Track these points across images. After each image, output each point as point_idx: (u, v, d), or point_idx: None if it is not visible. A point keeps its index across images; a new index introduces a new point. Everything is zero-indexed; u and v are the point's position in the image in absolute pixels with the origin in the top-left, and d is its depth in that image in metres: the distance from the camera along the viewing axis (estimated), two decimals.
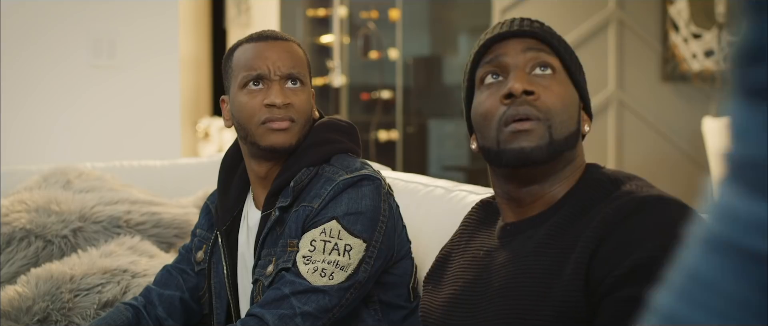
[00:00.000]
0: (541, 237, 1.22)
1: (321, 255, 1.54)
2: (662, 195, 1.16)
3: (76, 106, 3.40)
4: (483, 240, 1.37)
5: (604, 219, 1.15)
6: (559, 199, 1.25)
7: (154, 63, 3.54)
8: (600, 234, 1.13)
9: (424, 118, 7.65)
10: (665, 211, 1.13)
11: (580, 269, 1.13)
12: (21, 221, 2.16)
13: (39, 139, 3.34)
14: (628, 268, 1.09)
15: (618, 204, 1.16)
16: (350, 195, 1.58)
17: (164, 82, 3.58)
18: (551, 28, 1.32)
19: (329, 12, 6.82)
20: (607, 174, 1.25)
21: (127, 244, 2.12)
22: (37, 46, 3.32)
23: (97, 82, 3.42)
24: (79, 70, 3.40)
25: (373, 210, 1.58)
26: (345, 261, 1.54)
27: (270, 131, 1.59)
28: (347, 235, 1.55)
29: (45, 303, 1.86)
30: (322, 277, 1.52)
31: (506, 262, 1.26)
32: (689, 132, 6.89)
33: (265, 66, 1.60)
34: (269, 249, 1.62)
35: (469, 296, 1.31)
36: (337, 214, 1.56)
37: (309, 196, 1.59)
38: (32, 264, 2.09)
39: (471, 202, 1.80)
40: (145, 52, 3.52)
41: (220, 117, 7.36)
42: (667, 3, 6.87)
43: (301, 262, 1.54)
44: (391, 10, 6.79)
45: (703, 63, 6.99)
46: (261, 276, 1.61)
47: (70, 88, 3.38)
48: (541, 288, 1.17)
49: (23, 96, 3.30)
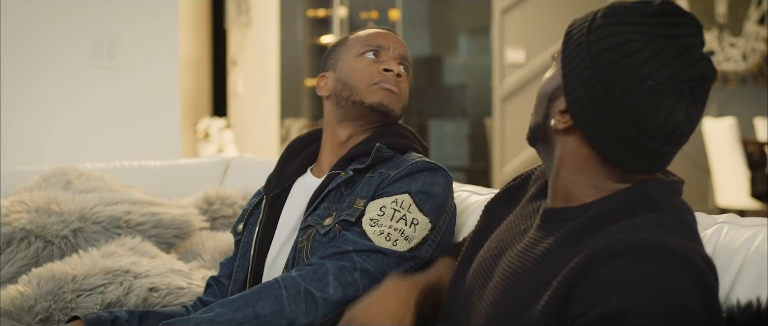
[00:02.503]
0: (553, 243, 1.19)
1: (388, 221, 1.60)
2: (664, 244, 1.07)
3: (76, 106, 3.39)
4: (535, 208, 1.33)
5: (592, 252, 1.10)
6: (588, 203, 1.20)
7: (154, 63, 3.53)
8: (584, 268, 1.09)
9: (424, 118, 7.65)
10: (655, 263, 1.05)
11: (556, 301, 1.10)
12: (21, 221, 2.15)
13: (39, 139, 3.33)
14: (598, 315, 1.04)
15: (612, 240, 1.10)
16: (426, 177, 1.65)
17: (164, 82, 3.58)
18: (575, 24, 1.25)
19: (329, 12, 6.81)
20: (646, 195, 1.17)
21: (128, 245, 2.12)
22: (37, 47, 3.32)
23: (98, 83, 3.42)
24: (79, 71, 3.40)
25: (443, 198, 1.66)
26: (410, 232, 1.60)
27: (380, 89, 1.71)
28: (417, 211, 1.61)
29: (47, 302, 1.86)
30: (386, 241, 1.58)
31: (520, 253, 1.24)
32: None
33: (386, 42, 1.76)
34: (331, 204, 1.68)
35: (489, 268, 1.30)
36: (411, 190, 1.63)
37: (387, 166, 1.67)
38: (32, 264, 2.09)
39: (473, 203, 1.80)
40: (146, 52, 3.52)
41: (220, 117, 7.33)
42: None
43: (367, 223, 1.60)
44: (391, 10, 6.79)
45: None
46: (316, 224, 1.66)
47: (70, 89, 3.38)
48: (529, 299, 1.16)
49: (23, 96, 3.30)
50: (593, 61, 1.15)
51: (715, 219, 1.39)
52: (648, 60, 1.12)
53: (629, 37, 1.14)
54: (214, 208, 2.49)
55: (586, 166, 1.20)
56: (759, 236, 1.29)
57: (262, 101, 6.81)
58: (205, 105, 7.34)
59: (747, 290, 1.22)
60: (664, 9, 1.15)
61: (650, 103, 1.13)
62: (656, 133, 1.14)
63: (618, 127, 1.15)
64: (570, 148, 1.21)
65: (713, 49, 6.97)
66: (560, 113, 1.20)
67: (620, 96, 1.13)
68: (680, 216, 1.16)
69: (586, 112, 1.17)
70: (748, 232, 1.31)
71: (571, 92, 1.18)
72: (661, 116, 1.13)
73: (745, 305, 1.13)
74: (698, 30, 1.16)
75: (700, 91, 1.15)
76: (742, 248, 1.29)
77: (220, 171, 2.81)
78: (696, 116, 1.16)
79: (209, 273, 2.10)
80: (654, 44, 1.13)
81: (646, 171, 1.20)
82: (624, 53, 1.13)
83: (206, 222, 2.42)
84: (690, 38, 1.14)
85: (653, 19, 1.14)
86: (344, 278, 1.54)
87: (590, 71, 1.16)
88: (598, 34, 1.16)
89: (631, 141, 1.15)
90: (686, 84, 1.13)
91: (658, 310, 1.02)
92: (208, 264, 2.21)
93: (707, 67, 1.14)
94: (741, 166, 5.75)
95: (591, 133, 1.17)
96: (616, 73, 1.13)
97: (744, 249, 1.28)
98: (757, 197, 5.66)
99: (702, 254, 1.11)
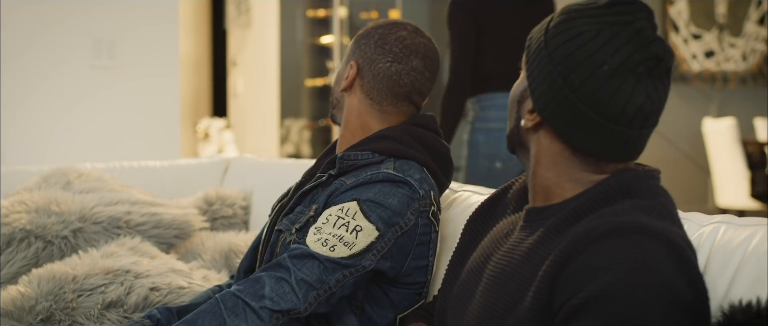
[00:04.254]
0: (537, 239, 1.21)
1: (330, 228, 1.55)
2: (644, 225, 1.10)
3: (76, 106, 3.40)
4: (517, 216, 1.34)
5: (573, 239, 1.12)
6: (568, 198, 1.23)
7: (154, 64, 3.54)
8: (566, 255, 1.11)
9: None
10: (636, 244, 1.08)
11: (543, 291, 1.12)
12: (21, 222, 2.16)
13: (39, 139, 3.34)
14: (582, 299, 1.06)
15: (592, 225, 1.12)
16: (383, 187, 1.58)
17: (164, 82, 3.58)
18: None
19: (329, 12, 6.82)
20: (624, 183, 1.20)
21: (128, 245, 2.12)
22: (38, 47, 3.32)
23: (98, 83, 3.42)
24: (79, 71, 3.40)
25: (396, 211, 1.58)
26: (350, 238, 1.54)
27: None
28: (362, 218, 1.55)
29: (48, 302, 1.86)
30: (323, 247, 1.53)
31: (505, 254, 1.26)
32: (689, 132, 6.88)
33: None
34: (304, 207, 1.65)
35: (476, 275, 1.31)
36: (360, 197, 1.57)
37: (351, 175, 1.62)
38: (32, 264, 2.09)
39: (475, 203, 1.79)
40: (146, 52, 3.52)
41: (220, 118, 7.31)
42: (667, 3, 6.87)
43: (311, 232, 1.56)
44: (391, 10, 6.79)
45: (703, 64, 6.98)
46: (286, 230, 1.64)
47: (70, 89, 3.38)
48: (517, 295, 1.17)
49: (23, 96, 3.30)
50: (552, 57, 1.20)
51: (712, 218, 1.39)
52: (602, 46, 1.17)
53: (583, 29, 1.18)
54: (214, 208, 2.49)
55: (560, 161, 1.23)
56: (757, 236, 1.28)
57: (262, 101, 6.82)
58: (205, 105, 7.34)
59: (745, 290, 1.23)
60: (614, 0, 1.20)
61: (609, 87, 1.16)
62: (619, 116, 1.17)
63: (582, 115, 1.18)
64: (542, 145, 1.24)
65: (713, 50, 6.98)
66: (529, 112, 1.24)
67: (579, 85, 1.17)
68: (659, 200, 1.19)
69: (550, 105, 1.20)
70: (745, 232, 1.31)
71: (536, 89, 1.22)
72: (622, 99, 1.16)
73: (745, 305, 1.13)
74: (649, 14, 1.20)
75: (658, 71, 1.19)
76: (740, 248, 1.29)
77: (220, 171, 2.81)
78: (657, 97, 1.19)
79: (209, 273, 2.10)
80: (606, 31, 1.17)
81: (619, 158, 1.22)
82: (579, 43, 1.18)
83: (206, 223, 2.42)
84: (641, 22, 1.18)
85: (605, 10, 1.19)
86: (281, 288, 1.50)
87: (550, 66, 1.20)
88: (555, 31, 1.21)
89: (597, 128, 1.18)
90: (642, 65, 1.17)
91: (642, 290, 1.05)
92: (208, 265, 2.21)
93: (660, 47, 1.18)
94: (741, 166, 5.75)
95: (558, 126, 1.21)
96: (572, 63, 1.18)
97: (742, 249, 1.28)
98: (757, 197, 5.66)
99: (682, 235, 1.15)
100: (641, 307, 1.04)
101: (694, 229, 1.36)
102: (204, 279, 2.02)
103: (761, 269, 1.23)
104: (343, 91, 1.73)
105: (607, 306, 1.05)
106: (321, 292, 1.52)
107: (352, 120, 1.72)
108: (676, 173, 6.79)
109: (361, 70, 1.70)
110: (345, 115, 1.73)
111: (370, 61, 1.70)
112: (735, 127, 5.76)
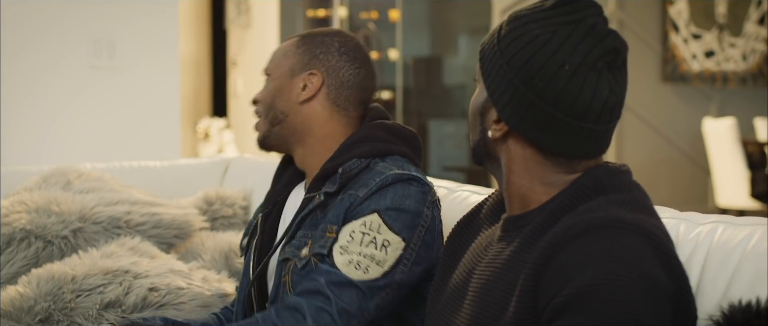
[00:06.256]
0: (517, 245, 1.22)
1: (358, 247, 1.54)
2: (619, 218, 1.12)
3: (75, 106, 3.39)
4: (495, 228, 1.34)
5: (551, 240, 1.13)
6: (545, 202, 1.23)
7: (154, 63, 3.53)
8: (546, 257, 1.12)
9: (424, 118, 7.65)
10: (612, 237, 1.09)
11: (526, 296, 1.13)
12: (21, 222, 2.16)
13: (39, 139, 3.33)
14: (566, 297, 1.07)
15: (568, 224, 1.13)
16: (396, 190, 1.58)
17: (164, 82, 3.58)
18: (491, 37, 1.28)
19: (329, 12, 6.82)
20: (597, 181, 1.21)
21: (128, 245, 2.12)
22: (37, 47, 3.32)
23: (97, 83, 3.42)
24: (78, 71, 3.40)
25: (415, 211, 1.58)
26: (381, 256, 1.53)
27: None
28: (387, 231, 1.55)
29: (47, 303, 1.86)
30: (356, 270, 1.52)
31: (488, 264, 1.26)
32: (689, 132, 6.88)
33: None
34: (307, 231, 1.62)
35: (461, 291, 1.31)
36: (380, 208, 1.56)
37: (356, 186, 1.60)
38: (32, 264, 2.09)
39: (473, 202, 1.79)
40: (145, 52, 3.52)
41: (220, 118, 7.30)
42: (667, 3, 6.86)
43: (337, 252, 1.55)
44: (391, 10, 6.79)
45: (703, 64, 6.98)
46: (294, 257, 1.61)
47: (70, 89, 3.38)
48: (503, 303, 1.18)
49: (23, 96, 3.30)
50: (510, 65, 1.20)
51: (709, 218, 1.39)
52: (559, 47, 1.18)
53: (537, 33, 1.19)
54: (214, 208, 2.49)
55: (532, 166, 1.24)
56: (755, 235, 1.28)
57: None
58: (205, 105, 7.34)
59: (744, 289, 1.23)
60: (560, 0, 1.21)
61: (573, 86, 1.17)
62: (586, 113, 1.18)
63: (550, 117, 1.19)
64: (513, 153, 1.25)
65: (713, 50, 6.98)
66: (495, 123, 1.24)
67: (543, 88, 1.18)
68: (633, 193, 1.20)
69: (517, 112, 1.21)
70: (744, 231, 1.30)
71: (498, 99, 1.22)
72: (587, 96, 1.17)
73: (745, 305, 1.13)
74: (598, 9, 1.22)
75: (616, 63, 1.20)
76: (739, 247, 1.29)
77: (220, 171, 2.81)
78: (619, 89, 1.21)
79: (209, 273, 2.10)
80: (561, 32, 1.18)
81: (591, 155, 1.23)
82: (536, 48, 1.19)
83: (206, 223, 2.42)
84: (592, 18, 1.20)
85: (554, 11, 1.20)
86: (322, 319, 1.50)
87: (510, 74, 1.20)
88: (508, 39, 1.22)
89: (566, 127, 1.19)
90: (601, 60, 1.18)
91: (622, 282, 1.06)
92: (208, 265, 2.22)
93: (616, 40, 1.20)
94: (741, 166, 5.75)
95: (527, 131, 1.21)
96: (533, 68, 1.18)
97: (740, 249, 1.28)
98: (757, 197, 5.66)
99: (658, 225, 1.17)
100: (624, 301, 1.05)
101: (691, 229, 1.36)
102: (203, 280, 2.02)
103: (760, 268, 1.23)
104: (302, 102, 1.71)
105: (590, 302, 1.06)
106: (361, 320, 1.52)
107: (316, 129, 1.70)
108: (676, 173, 6.79)
109: (326, 79, 1.70)
110: (304, 127, 1.71)
111: (335, 69, 1.71)
112: (735, 127, 5.76)
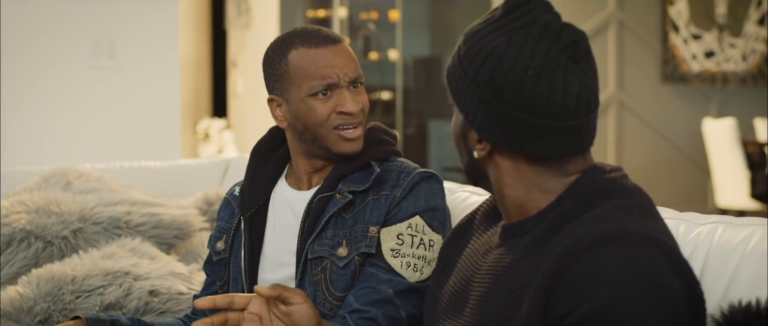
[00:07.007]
0: (520, 252, 1.21)
1: (409, 249, 1.58)
2: (629, 231, 1.11)
3: (75, 106, 3.40)
4: (490, 234, 1.35)
5: (562, 251, 1.12)
6: (544, 208, 1.22)
7: (153, 64, 3.53)
8: (557, 268, 1.11)
9: (424, 118, 7.65)
10: (625, 250, 1.09)
11: (537, 305, 1.12)
12: (21, 222, 2.16)
13: (39, 139, 3.33)
14: (581, 316, 1.07)
15: (578, 235, 1.12)
16: (425, 189, 1.63)
17: (164, 82, 3.58)
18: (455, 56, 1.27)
19: (329, 13, 6.82)
20: (598, 185, 1.20)
21: (128, 246, 2.12)
22: (37, 47, 3.32)
23: (97, 83, 3.42)
24: (78, 71, 3.40)
25: (443, 207, 1.65)
26: (431, 256, 1.58)
27: (344, 140, 1.62)
28: (430, 231, 1.60)
29: (46, 303, 1.86)
30: (414, 272, 1.57)
31: (488, 271, 1.26)
32: (689, 133, 6.88)
33: (334, 75, 1.61)
34: (337, 231, 1.62)
35: (461, 298, 1.31)
36: (419, 209, 1.61)
37: (387, 186, 1.63)
38: (32, 265, 2.09)
39: (474, 203, 1.79)
40: (145, 52, 3.52)
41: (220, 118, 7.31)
42: (667, 4, 6.87)
43: (389, 256, 1.58)
44: (391, 11, 6.79)
45: (703, 64, 6.98)
46: (331, 256, 1.60)
47: (69, 89, 3.38)
48: (507, 310, 1.18)
49: (23, 96, 3.30)
50: (476, 83, 1.20)
51: (708, 218, 1.39)
52: (518, 53, 1.17)
53: (493, 45, 1.19)
54: (214, 209, 2.49)
55: (524, 175, 1.23)
56: (755, 236, 1.28)
57: (262, 102, 6.81)
58: (205, 105, 7.34)
59: (743, 290, 1.22)
60: (507, 6, 1.21)
61: (542, 88, 1.16)
62: (562, 111, 1.18)
63: (528, 124, 1.18)
64: (501, 167, 1.24)
65: (713, 50, 6.98)
66: (477, 143, 1.24)
67: (514, 97, 1.17)
68: (636, 197, 1.20)
69: (495, 129, 1.21)
70: (744, 232, 1.30)
71: (474, 119, 1.22)
72: (558, 95, 1.17)
73: (745, 306, 1.13)
74: (548, 6, 1.22)
75: (579, 54, 1.19)
76: (739, 248, 1.28)
77: (220, 171, 2.81)
78: (588, 79, 1.20)
79: None
80: (516, 38, 1.18)
81: (578, 151, 1.23)
82: (496, 60, 1.18)
83: (206, 223, 2.42)
84: (544, 16, 1.19)
85: (505, 19, 1.20)
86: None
87: (479, 92, 1.20)
88: (468, 57, 1.21)
89: (546, 130, 1.19)
90: (562, 55, 1.17)
91: (639, 299, 1.06)
92: None
93: (572, 32, 1.19)
94: (741, 167, 5.76)
95: (510, 144, 1.21)
96: (499, 80, 1.18)
97: (740, 249, 1.28)
98: (757, 198, 5.66)
99: (664, 230, 1.17)
100: (640, 317, 1.06)
101: (691, 229, 1.36)
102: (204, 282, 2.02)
103: (760, 269, 1.23)
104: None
105: (607, 322, 1.06)
106: (420, 317, 1.56)
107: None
108: (676, 173, 6.79)
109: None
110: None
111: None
112: (735, 127, 5.76)
